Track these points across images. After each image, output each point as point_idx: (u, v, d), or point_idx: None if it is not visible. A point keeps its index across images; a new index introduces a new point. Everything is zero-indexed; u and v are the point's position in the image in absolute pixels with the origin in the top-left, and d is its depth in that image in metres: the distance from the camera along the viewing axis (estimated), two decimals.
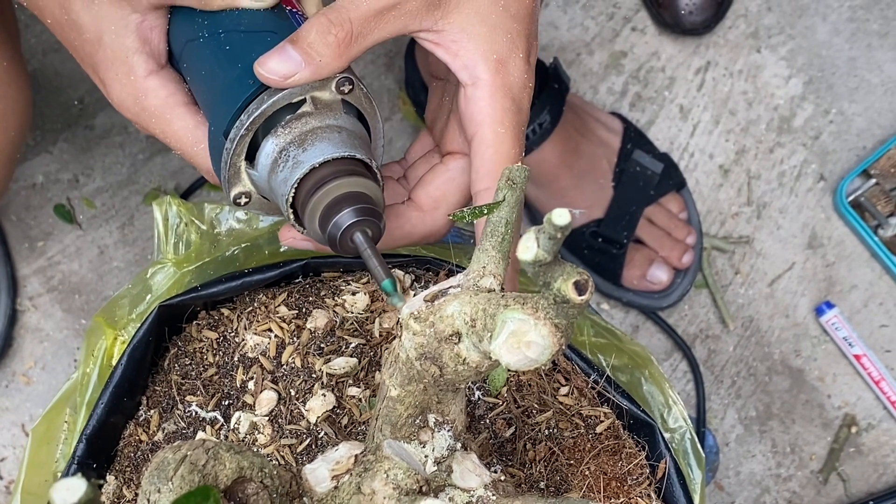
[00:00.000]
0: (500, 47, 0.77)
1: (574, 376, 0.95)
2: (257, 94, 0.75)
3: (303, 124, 0.76)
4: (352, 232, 0.73)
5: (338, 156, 0.74)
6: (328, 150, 0.74)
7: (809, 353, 1.55)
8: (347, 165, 0.74)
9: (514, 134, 0.78)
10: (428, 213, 0.84)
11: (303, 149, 0.74)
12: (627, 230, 1.51)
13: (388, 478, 0.73)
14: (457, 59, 0.77)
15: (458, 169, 0.84)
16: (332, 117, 0.77)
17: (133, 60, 0.79)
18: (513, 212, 0.72)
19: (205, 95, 0.79)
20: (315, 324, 0.95)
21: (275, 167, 0.76)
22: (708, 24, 1.62)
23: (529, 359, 0.63)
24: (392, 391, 0.74)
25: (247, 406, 0.92)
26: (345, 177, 0.73)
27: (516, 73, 0.78)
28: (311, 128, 0.75)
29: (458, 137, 0.84)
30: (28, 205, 1.55)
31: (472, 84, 0.77)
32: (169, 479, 0.63)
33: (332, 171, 0.73)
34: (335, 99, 0.77)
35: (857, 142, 1.61)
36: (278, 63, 0.73)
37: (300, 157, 0.74)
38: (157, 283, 0.99)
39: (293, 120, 0.76)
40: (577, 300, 0.59)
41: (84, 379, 0.97)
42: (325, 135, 0.75)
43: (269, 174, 0.76)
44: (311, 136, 0.75)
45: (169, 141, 0.81)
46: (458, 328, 0.68)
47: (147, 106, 0.80)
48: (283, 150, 0.75)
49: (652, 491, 0.92)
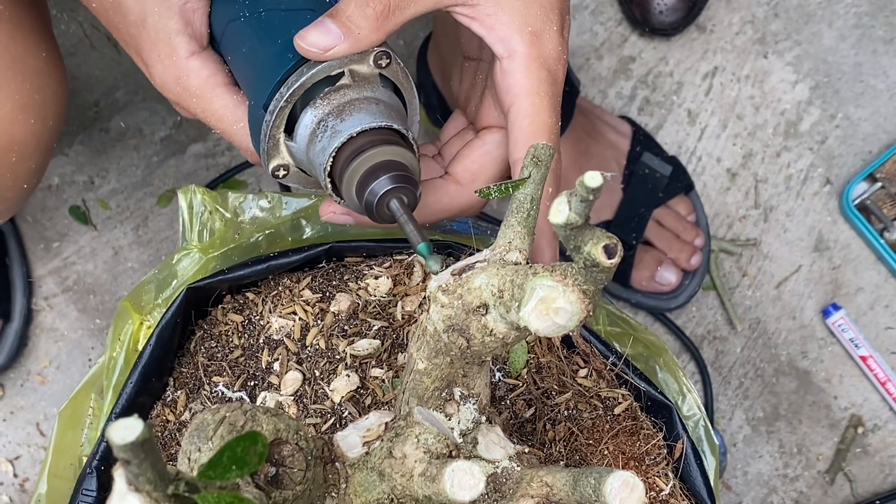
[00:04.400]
0: (535, 20, 0.78)
1: (593, 358, 0.96)
2: (297, 67, 0.77)
3: (341, 96, 0.77)
4: (388, 199, 0.75)
5: (375, 125, 0.75)
6: (366, 119, 0.76)
7: (816, 354, 1.57)
8: (384, 135, 0.76)
9: (550, 104, 0.80)
10: (466, 186, 0.86)
11: (341, 119, 0.76)
12: (636, 232, 1.53)
13: (419, 442, 0.74)
14: (492, 33, 0.79)
15: (495, 142, 0.85)
16: (370, 90, 0.79)
17: (175, 41, 0.81)
18: (538, 189, 0.74)
19: (245, 73, 0.81)
20: (339, 307, 0.96)
21: (313, 138, 0.77)
22: (677, 26, 1.63)
23: (558, 325, 0.64)
24: (419, 364, 0.75)
25: (272, 386, 0.94)
26: (382, 145, 0.75)
27: (551, 45, 0.80)
28: (349, 99, 0.77)
29: (494, 112, 0.85)
30: (44, 206, 1.57)
31: (507, 56, 0.79)
32: (209, 439, 0.65)
33: (369, 140, 0.75)
34: (373, 72, 0.79)
35: (862, 146, 1.63)
36: (318, 36, 0.75)
37: (338, 126, 0.76)
38: (182, 269, 1.00)
39: (332, 92, 0.78)
40: (607, 263, 0.61)
41: (111, 363, 0.99)
42: (362, 106, 0.77)
43: (308, 145, 0.78)
44: (349, 107, 0.77)
45: (209, 120, 0.83)
46: (486, 299, 0.69)
47: (188, 86, 0.82)
48: (321, 121, 0.77)
49: (669, 471, 0.93)
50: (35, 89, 0.98)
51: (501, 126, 0.85)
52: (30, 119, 0.98)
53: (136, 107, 1.60)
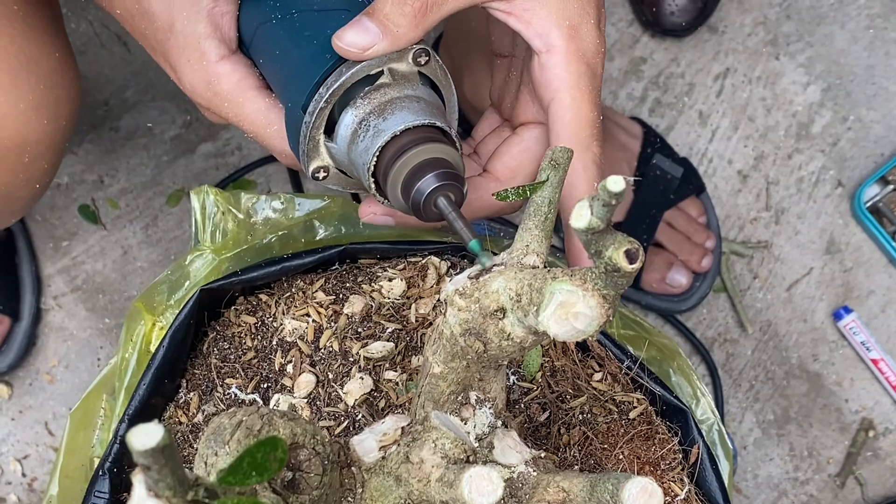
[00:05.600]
0: (572, 14, 0.78)
1: (608, 362, 0.96)
2: (335, 67, 0.76)
3: (382, 95, 0.77)
4: (435, 196, 0.74)
5: (418, 123, 0.75)
6: (408, 118, 0.75)
7: (827, 357, 1.57)
8: (428, 133, 0.75)
9: (591, 98, 0.79)
10: (506, 182, 0.85)
11: (383, 118, 0.75)
12: (647, 234, 1.52)
13: (437, 447, 0.74)
14: (529, 27, 0.78)
15: (534, 138, 0.85)
16: (410, 88, 0.78)
17: (205, 46, 0.81)
18: (556, 192, 0.73)
19: (279, 75, 0.81)
20: (352, 309, 0.96)
21: (355, 138, 0.77)
22: (688, 27, 1.63)
23: (577, 330, 0.64)
24: (435, 368, 0.75)
25: (285, 389, 0.93)
26: (426, 143, 0.74)
27: (589, 39, 0.79)
28: (390, 98, 0.76)
29: (532, 107, 0.85)
30: (53, 205, 1.57)
31: (546, 51, 0.78)
32: (226, 443, 0.64)
33: (413, 139, 0.74)
34: (412, 70, 0.78)
35: (874, 148, 1.63)
36: (356, 35, 0.75)
37: (381, 125, 0.75)
38: (195, 270, 1.00)
39: (372, 91, 0.77)
40: (628, 268, 0.61)
41: (123, 364, 0.98)
42: (404, 104, 0.76)
43: (349, 145, 0.77)
44: (390, 106, 0.76)
45: (242, 124, 0.82)
46: (503, 303, 0.69)
47: (219, 91, 0.81)
48: (363, 121, 0.76)
49: (685, 476, 0.92)
50: (48, 89, 0.98)
51: (540, 122, 0.84)
52: (43, 119, 0.98)
53: (146, 106, 1.60)
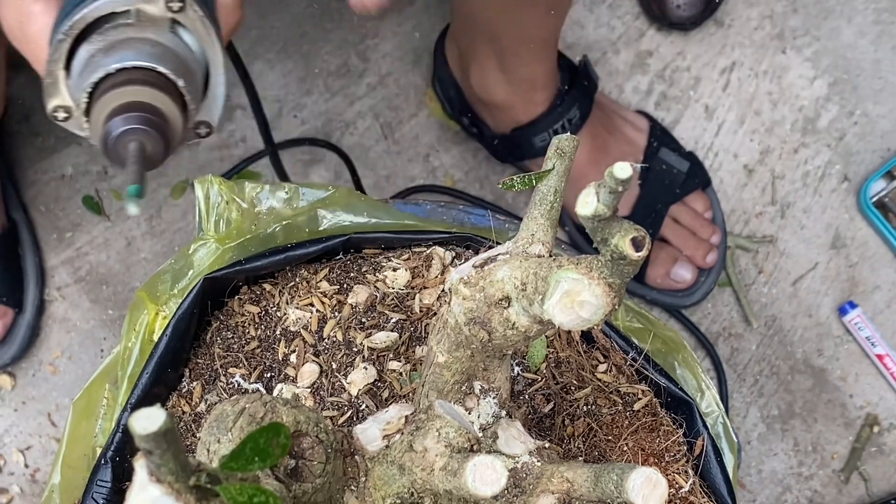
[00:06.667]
0: None
1: (613, 353, 0.96)
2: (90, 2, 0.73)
3: (119, 33, 0.73)
4: (125, 140, 0.69)
5: (138, 65, 0.71)
6: (129, 57, 0.71)
7: (832, 352, 1.56)
8: (145, 76, 0.71)
9: None
10: None
11: (107, 55, 0.71)
12: (652, 228, 1.52)
13: (440, 436, 0.73)
14: None
15: None
16: (153, 32, 0.74)
17: None
18: (561, 181, 0.73)
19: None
20: (356, 299, 0.96)
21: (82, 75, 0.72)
22: (695, 20, 1.62)
23: (582, 318, 0.63)
24: (439, 357, 0.75)
25: (289, 378, 0.93)
26: (132, 85, 0.70)
27: None
28: (125, 37, 0.72)
29: None
30: (57, 196, 1.56)
31: None
32: (228, 430, 0.64)
33: (125, 79, 0.70)
34: (164, 15, 0.74)
35: (881, 143, 1.62)
36: None
37: (101, 62, 0.71)
38: (199, 259, 1.00)
39: (110, 28, 0.73)
40: (634, 256, 0.60)
41: (126, 353, 0.98)
42: (135, 45, 0.72)
43: (77, 82, 0.73)
44: (121, 45, 0.72)
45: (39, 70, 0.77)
46: (508, 292, 0.68)
47: (29, 32, 0.77)
48: (92, 56, 0.72)
49: (689, 468, 0.92)
50: None
51: None
52: None
53: None
